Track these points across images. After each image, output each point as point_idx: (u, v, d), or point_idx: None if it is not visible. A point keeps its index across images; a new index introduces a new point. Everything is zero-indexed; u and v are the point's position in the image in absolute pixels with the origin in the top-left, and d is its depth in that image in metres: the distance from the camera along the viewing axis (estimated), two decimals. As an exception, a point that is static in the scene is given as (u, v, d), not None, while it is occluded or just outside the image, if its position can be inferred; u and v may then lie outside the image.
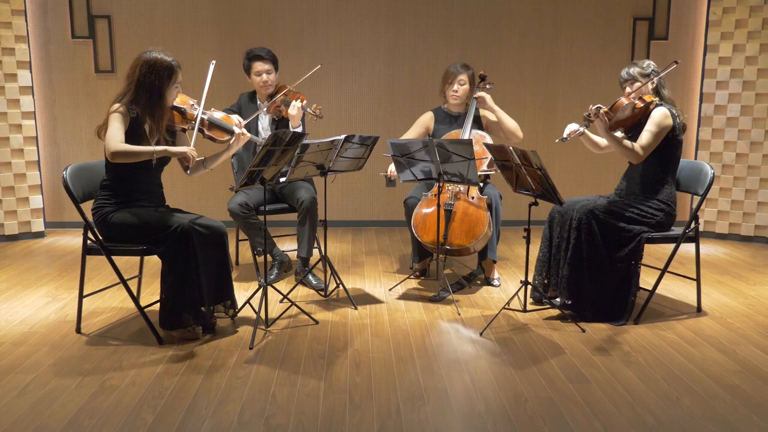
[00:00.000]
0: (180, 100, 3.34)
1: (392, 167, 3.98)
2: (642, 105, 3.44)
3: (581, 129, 3.53)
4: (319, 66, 4.02)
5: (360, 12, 5.62)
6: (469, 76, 4.13)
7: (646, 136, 3.41)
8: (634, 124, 3.49)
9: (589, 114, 3.40)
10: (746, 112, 5.29)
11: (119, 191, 3.21)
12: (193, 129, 3.27)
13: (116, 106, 3.11)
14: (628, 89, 3.53)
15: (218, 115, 3.36)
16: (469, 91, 4.15)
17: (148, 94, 3.12)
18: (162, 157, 3.13)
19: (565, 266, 3.44)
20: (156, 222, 3.13)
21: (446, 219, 3.83)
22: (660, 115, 3.40)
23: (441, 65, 5.56)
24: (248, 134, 3.38)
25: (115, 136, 3.02)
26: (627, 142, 3.43)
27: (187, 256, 3.09)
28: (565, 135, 3.57)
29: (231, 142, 3.33)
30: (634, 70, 3.51)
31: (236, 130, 3.33)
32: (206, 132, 3.31)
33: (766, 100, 5.21)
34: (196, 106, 3.33)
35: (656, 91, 3.52)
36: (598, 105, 3.44)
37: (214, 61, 3.39)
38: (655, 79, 3.50)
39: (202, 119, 3.28)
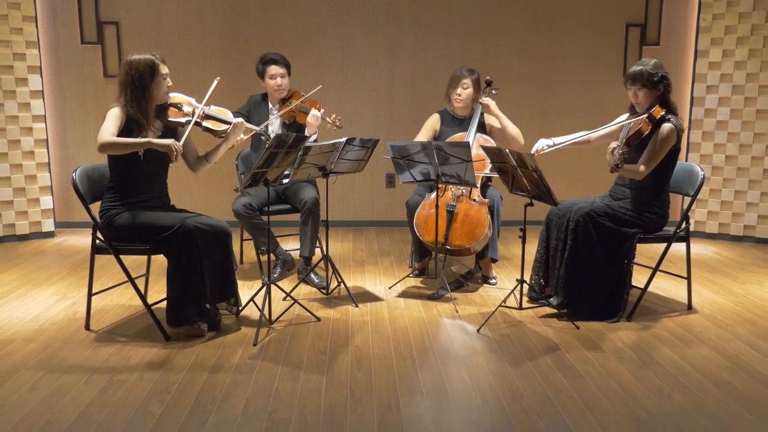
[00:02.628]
0: (178, 98, 3.35)
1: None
2: (652, 125, 3.34)
3: (549, 144, 3.63)
4: (320, 87, 4.04)
5: (361, 20, 5.62)
6: (473, 81, 4.14)
7: (651, 154, 3.32)
8: (643, 137, 3.39)
9: (617, 164, 3.21)
10: (735, 115, 5.29)
11: (123, 193, 3.21)
12: (190, 123, 3.28)
13: (113, 106, 3.16)
14: (632, 92, 3.42)
15: (215, 109, 3.39)
16: (473, 95, 4.15)
17: (136, 90, 3.15)
18: (159, 155, 3.15)
19: (563, 267, 3.43)
20: (160, 223, 3.13)
21: (448, 219, 3.83)
22: (667, 132, 3.30)
23: (439, 71, 5.57)
24: (245, 122, 3.38)
25: (107, 129, 3.06)
26: (632, 166, 3.36)
27: (191, 255, 3.09)
28: (533, 151, 3.56)
29: (228, 131, 3.35)
30: (643, 71, 3.35)
31: (233, 120, 3.34)
32: (203, 124, 3.33)
33: (754, 104, 5.21)
34: (193, 102, 3.36)
35: (663, 99, 3.39)
36: (614, 147, 3.28)
37: (218, 78, 3.40)
38: (662, 87, 3.37)
39: (198, 112, 3.29)
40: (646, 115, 3.36)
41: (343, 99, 5.72)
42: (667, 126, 3.33)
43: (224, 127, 3.36)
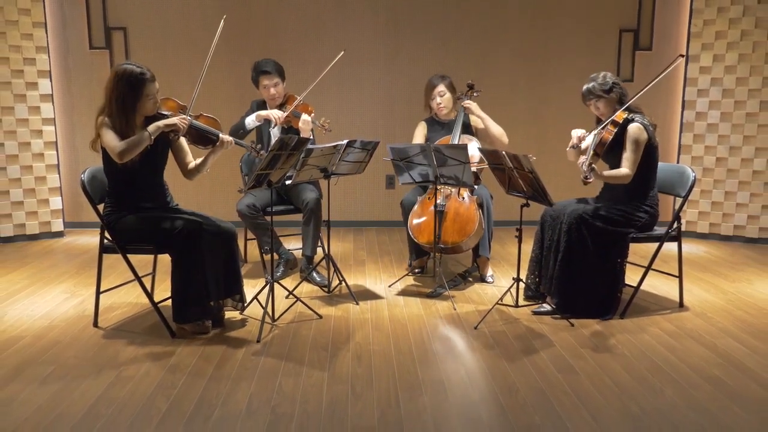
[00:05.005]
0: (168, 106, 3.27)
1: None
2: (616, 128, 3.39)
3: (590, 133, 3.49)
4: (342, 52, 4.05)
5: (361, 26, 5.62)
6: (447, 85, 4.14)
7: (629, 156, 3.35)
8: (614, 143, 3.43)
9: (587, 176, 3.25)
10: (725, 118, 5.29)
11: (122, 198, 3.20)
12: (177, 137, 3.22)
13: (101, 118, 3.08)
14: (592, 107, 3.49)
15: (203, 119, 3.30)
16: (452, 97, 4.15)
17: (120, 106, 3.05)
18: (152, 157, 3.15)
19: (557, 267, 3.42)
20: (160, 226, 3.12)
21: (438, 219, 3.82)
22: (636, 132, 3.35)
23: (438, 74, 5.57)
24: (232, 139, 3.32)
25: (113, 141, 3.02)
26: (616, 173, 3.38)
27: (192, 256, 3.09)
28: (575, 143, 3.51)
29: (216, 145, 3.28)
30: (594, 86, 3.44)
31: (221, 136, 3.27)
32: (190, 140, 3.27)
33: (744, 108, 5.21)
34: (183, 113, 3.24)
35: (620, 101, 3.45)
36: (583, 161, 3.31)
37: (225, 16, 3.34)
38: (617, 91, 3.43)
39: (188, 127, 3.19)
40: (609, 121, 3.40)
41: (343, 102, 5.72)
42: (633, 125, 3.37)
43: (209, 146, 3.27)
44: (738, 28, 5.17)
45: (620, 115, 3.40)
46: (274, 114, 4.03)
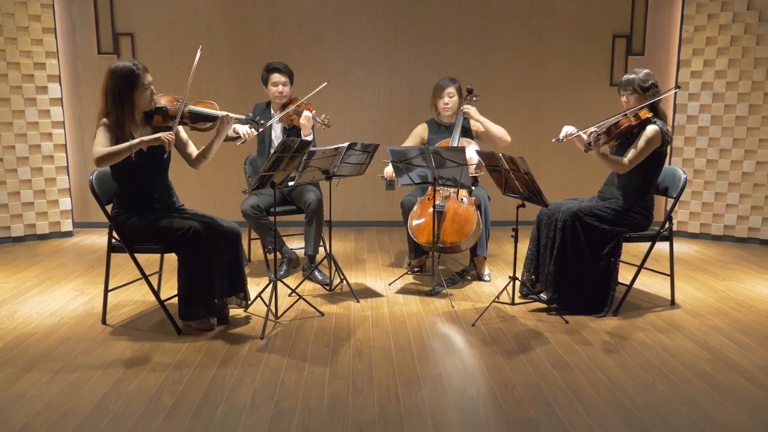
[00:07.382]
0: (164, 100, 3.24)
1: (388, 169, 3.99)
2: (637, 122, 3.37)
3: (578, 132, 3.43)
4: (326, 83, 4.03)
5: (362, 32, 5.63)
6: (457, 88, 4.15)
7: (635, 151, 3.35)
8: (627, 136, 3.44)
9: (590, 143, 3.30)
10: (716, 121, 5.29)
11: (129, 200, 3.20)
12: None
13: (100, 120, 3.09)
14: (624, 98, 3.47)
15: (199, 104, 3.24)
16: (459, 101, 4.16)
17: (118, 101, 3.06)
18: (152, 157, 3.13)
19: (551, 264, 3.44)
20: (168, 226, 3.12)
21: (438, 219, 3.83)
22: (652, 133, 3.34)
23: (435, 80, 5.55)
24: (232, 115, 3.23)
25: (98, 143, 3.01)
26: (616, 158, 3.39)
27: (198, 255, 3.09)
28: (561, 136, 3.48)
29: (217, 127, 3.22)
30: (635, 79, 3.41)
31: (220, 114, 3.20)
32: (190, 124, 3.22)
33: (734, 111, 5.21)
34: (178, 102, 3.20)
35: (652, 105, 3.42)
36: (594, 131, 3.33)
37: (201, 47, 3.30)
38: (653, 92, 3.40)
39: (183, 112, 3.15)
40: (632, 111, 3.39)
41: (344, 106, 5.72)
42: (652, 127, 3.36)
43: (209, 125, 3.21)
44: (728, 34, 5.17)
45: (645, 112, 3.39)
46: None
